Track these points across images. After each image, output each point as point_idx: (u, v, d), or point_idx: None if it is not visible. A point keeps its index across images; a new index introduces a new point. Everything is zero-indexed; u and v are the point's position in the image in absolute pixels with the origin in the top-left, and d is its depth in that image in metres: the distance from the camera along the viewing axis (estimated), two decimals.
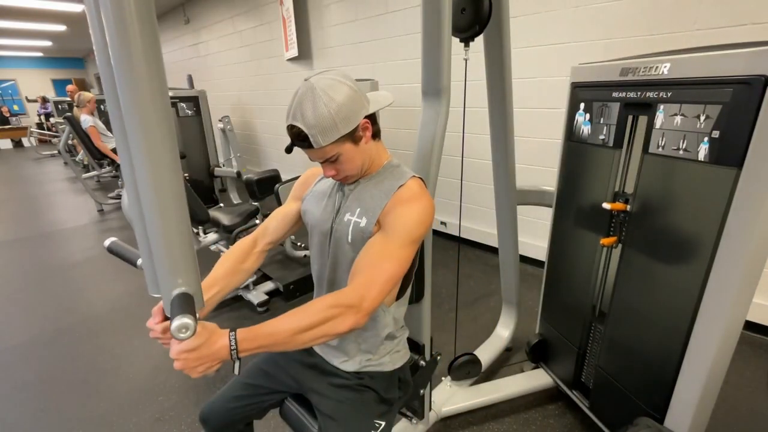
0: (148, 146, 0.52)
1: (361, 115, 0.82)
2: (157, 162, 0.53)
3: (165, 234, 0.57)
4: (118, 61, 0.48)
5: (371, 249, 0.83)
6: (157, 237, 0.57)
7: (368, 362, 0.98)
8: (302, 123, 0.77)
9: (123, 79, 0.48)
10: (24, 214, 4.77)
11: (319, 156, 0.83)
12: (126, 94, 0.49)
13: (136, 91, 0.49)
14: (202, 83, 6.41)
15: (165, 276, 0.60)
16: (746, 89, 0.85)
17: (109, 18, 0.46)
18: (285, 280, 2.55)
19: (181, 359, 0.66)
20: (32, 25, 7.56)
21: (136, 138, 0.51)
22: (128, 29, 0.46)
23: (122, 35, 0.46)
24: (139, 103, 0.50)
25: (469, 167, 2.96)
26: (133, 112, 0.50)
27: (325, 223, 0.94)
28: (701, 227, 0.98)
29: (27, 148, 10.54)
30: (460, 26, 1.21)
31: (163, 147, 0.53)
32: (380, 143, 0.93)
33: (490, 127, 1.53)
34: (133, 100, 0.49)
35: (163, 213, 0.56)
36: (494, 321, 2.01)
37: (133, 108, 0.50)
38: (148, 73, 0.48)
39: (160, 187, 0.54)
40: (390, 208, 0.85)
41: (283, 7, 4.28)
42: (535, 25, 2.46)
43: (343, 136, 0.80)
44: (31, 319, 2.49)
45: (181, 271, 0.60)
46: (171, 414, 1.70)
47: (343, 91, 0.79)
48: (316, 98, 0.76)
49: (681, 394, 1.08)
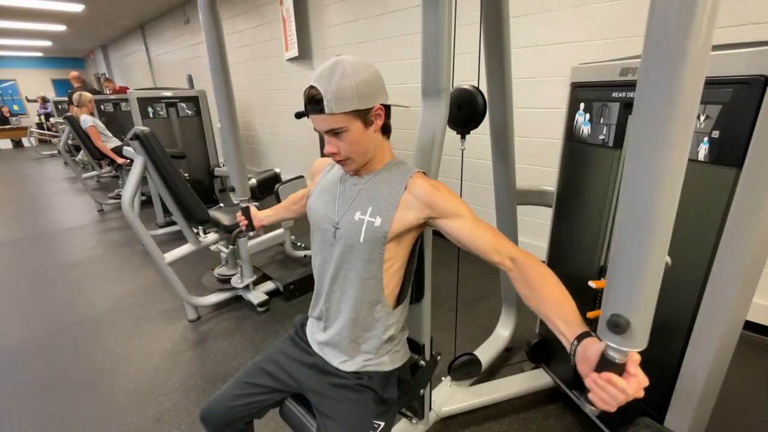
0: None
1: (379, 100, 0.85)
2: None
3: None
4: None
5: (472, 230, 0.84)
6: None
7: (368, 362, 0.98)
8: (322, 86, 0.79)
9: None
10: (24, 214, 4.77)
11: (328, 124, 0.83)
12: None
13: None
14: (202, 83, 6.41)
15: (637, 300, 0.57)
16: (746, 89, 0.85)
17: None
18: (285, 280, 2.55)
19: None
20: (32, 25, 7.55)
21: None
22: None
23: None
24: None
25: (469, 167, 2.96)
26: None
27: (327, 219, 0.94)
28: (701, 227, 0.98)
29: (27, 148, 10.54)
30: (458, 122, 1.31)
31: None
32: (387, 142, 0.95)
33: (490, 127, 1.53)
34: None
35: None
36: (494, 321, 2.01)
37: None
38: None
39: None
40: (426, 203, 0.87)
41: (283, 7, 4.28)
42: (535, 25, 2.46)
43: (355, 111, 0.81)
44: (31, 319, 2.49)
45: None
46: (171, 414, 1.70)
47: (369, 71, 0.82)
48: (343, 69, 0.79)
49: (681, 394, 1.08)
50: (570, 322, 0.69)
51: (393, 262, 0.93)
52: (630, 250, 0.56)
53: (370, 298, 0.93)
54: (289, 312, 2.45)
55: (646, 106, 0.49)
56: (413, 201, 0.88)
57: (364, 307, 0.94)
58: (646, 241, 0.54)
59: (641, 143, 0.51)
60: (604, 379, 0.57)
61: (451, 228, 0.86)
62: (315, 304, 1.04)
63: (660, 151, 0.49)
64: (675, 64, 0.45)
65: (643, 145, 0.50)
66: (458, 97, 1.27)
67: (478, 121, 1.29)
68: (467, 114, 1.28)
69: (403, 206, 0.88)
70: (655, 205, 0.51)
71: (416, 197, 0.88)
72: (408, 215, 0.88)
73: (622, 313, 0.56)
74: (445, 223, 0.86)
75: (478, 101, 1.26)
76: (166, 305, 2.58)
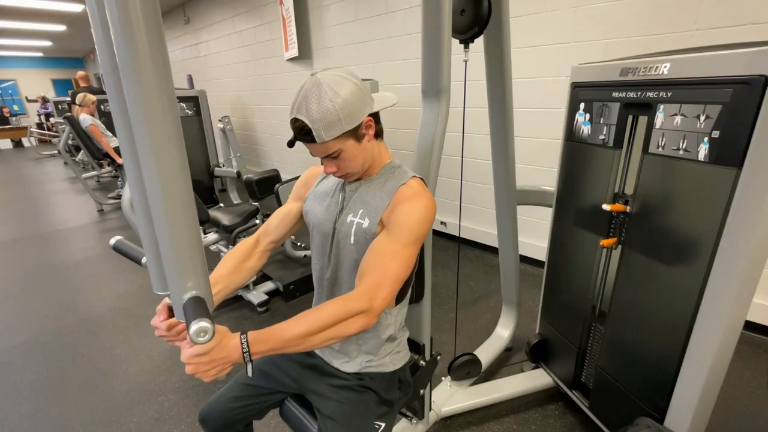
0: (155, 145, 0.51)
1: (365, 113, 0.83)
2: (165, 162, 0.52)
3: (174, 236, 0.56)
4: (124, 60, 0.47)
5: (376, 249, 0.83)
6: (166, 239, 0.56)
7: (369, 363, 0.98)
8: (306, 117, 0.77)
9: (128, 77, 0.48)
10: (24, 214, 4.77)
11: (321, 151, 0.83)
12: (132, 92, 0.49)
13: (142, 88, 0.48)
14: (202, 83, 6.41)
15: (175, 279, 0.59)
16: (746, 89, 0.85)
17: (114, 17, 0.45)
18: (285, 280, 2.55)
19: (193, 363, 0.66)
20: (32, 25, 7.56)
21: (143, 136, 0.51)
22: (133, 27, 0.46)
23: (128, 33, 0.46)
24: (145, 99, 0.49)
25: (469, 167, 2.96)
26: (139, 110, 0.49)
27: (327, 223, 0.94)
28: (701, 227, 0.98)
29: (27, 148, 10.54)
30: (460, 28, 1.22)
31: (170, 146, 0.52)
32: (382, 143, 0.94)
33: (490, 127, 1.53)
34: (138, 98, 0.49)
35: (172, 214, 0.55)
36: (494, 321, 2.01)
37: (138, 105, 0.49)
38: (155, 71, 0.48)
39: (169, 188, 0.54)
40: (392, 207, 0.86)
41: (283, 7, 4.28)
42: (535, 25, 2.46)
43: (346, 132, 0.80)
44: (31, 319, 2.49)
45: (191, 274, 0.60)
46: (171, 414, 1.70)
47: (349, 87, 0.79)
48: (322, 93, 0.77)
49: (681, 394, 1.08)
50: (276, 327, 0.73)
51: None
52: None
53: None
54: (289, 312, 2.45)
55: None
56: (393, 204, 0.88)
57: None
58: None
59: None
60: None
61: (378, 236, 0.85)
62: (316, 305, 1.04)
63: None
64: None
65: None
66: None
67: (481, 27, 1.19)
68: (470, 18, 1.19)
69: (388, 210, 0.87)
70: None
71: (395, 200, 0.87)
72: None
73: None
74: (382, 229, 0.86)
75: (482, 2, 1.16)
76: None
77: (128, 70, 0.47)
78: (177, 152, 0.53)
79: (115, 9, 0.45)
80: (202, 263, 0.61)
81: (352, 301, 0.76)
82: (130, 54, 0.47)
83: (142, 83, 0.48)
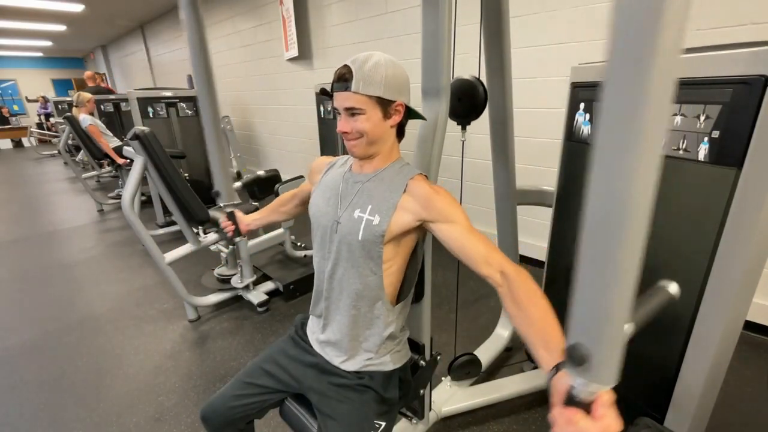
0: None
1: (402, 98, 0.88)
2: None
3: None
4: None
5: (466, 239, 0.83)
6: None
7: (369, 362, 0.98)
8: (355, 67, 0.83)
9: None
10: (24, 214, 4.77)
11: (350, 102, 0.85)
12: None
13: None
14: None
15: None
16: (746, 89, 0.85)
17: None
18: (285, 280, 2.54)
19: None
20: (32, 25, 7.55)
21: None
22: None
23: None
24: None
25: (469, 167, 2.96)
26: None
27: (328, 216, 0.95)
28: (701, 227, 0.98)
29: (27, 148, 10.53)
30: (458, 113, 1.30)
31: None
32: (397, 143, 0.97)
33: (490, 127, 1.53)
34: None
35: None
36: (494, 321, 2.01)
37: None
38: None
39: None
40: (423, 204, 0.87)
41: (283, 7, 4.28)
42: (535, 25, 2.46)
43: (379, 98, 0.84)
44: (31, 318, 2.49)
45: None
46: (171, 414, 1.70)
47: (401, 70, 0.88)
48: (378, 59, 0.84)
49: (681, 394, 1.08)
50: (552, 348, 0.62)
51: (392, 263, 0.93)
52: (594, 267, 0.46)
53: (370, 295, 0.94)
54: (289, 312, 2.45)
55: (614, 107, 0.42)
56: (411, 203, 0.88)
57: (364, 304, 0.94)
58: (613, 257, 0.44)
59: (609, 149, 0.43)
60: (567, 416, 0.50)
61: (444, 233, 0.85)
62: (316, 301, 1.04)
63: (631, 157, 0.41)
64: (641, 65, 0.38)
65: (611, 151, 0.43)
66: (458, 88, 1.25)
67: (478, 112, 1.26)
68: (467, 105, 1.26)
69: (401, 208, 0.88)
70: (626, 213, 0.43)
71: (414, 199, 0.88)
72: (405, 217, 0.88)
73: (584, 342, 0.47)
74: (439, 228, 0.86)
75: (478, 92, 1.24)
76: (166, 305, 2.58)
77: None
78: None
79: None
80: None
81: (518, 276, 0.76)
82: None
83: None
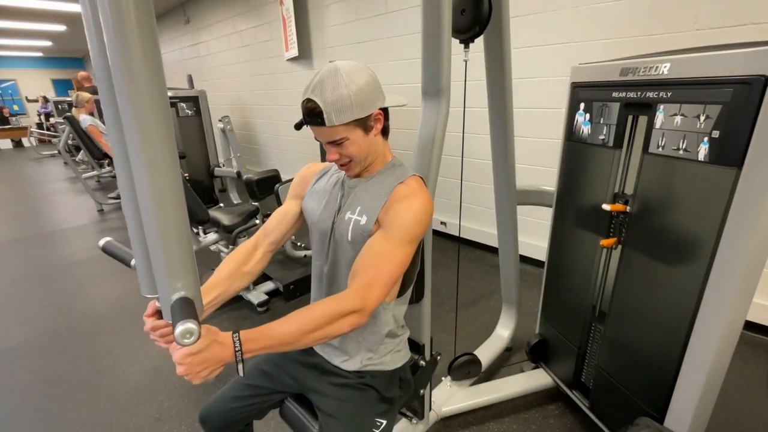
0: (146, 145, 0.50)
1: (377, 106, 0.84)
2: (156, 163, 0.52)
3: (163, 237, 0.56)
4: (116, 59, 0.46)
5: (371, 249, 0.83)
6: (155, 240, 0.56)
7: (369, 361, 0.98)
8: (320, 99, 0.78)
9: (120, 76, 0.47)
10: (24, 214, 4.77)
11: (328, 136, 0.82)
12: (123, 91, 0.48)
13: (134, 87, 0.48)
14: (202, 83, 6.41)
15: (163, 280, 0.58)
16: (746, 89, 0.85)
17: (107, 17, 0.45)
18: (285, 280, 2.55)
19: (185, 363, 0.65)
20: (32, 25, 7.56)
21: (134, 136, 0.50)
22: (126, 27, 0.45)
23: (120, 33, 0.45)
24: (137, 98, 0.48)
25: (469, 167, 2.96)
26: (130, 109, 0.48)
27: (325, 221, 0.94)
28: (701, 227, 0.98)
29: (27, 148, 10.53)
30: (460, 28, 1.21)
31: (162, 146, 0.52)
32: (386, 142, 0.94)
33: (490, 127, 1.53)
34: (130, 97, 0.48)
35: (162, 216, 0.54)
36: (494, 321, 2.01)
37: (129, 105, 0.48)
38: (146, 69, 0.47)
39: (159, 189, 0.53)
40: (388, 206, 0.86)
41: (283, 7, 4.28)
42: (535, 25, 2.46)
43: (355, 120, 0.81)
44: (31, 318, 2.49)
45: (181, 275, 0.59)
46: (171, 414, 1.70)
47: (365, 77, 0.80)
48: (338, 78, 0.78)
49: (681, 394, 1.08)
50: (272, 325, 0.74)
51: None
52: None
53: None
54: (289, 312, 2.44)
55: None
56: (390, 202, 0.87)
57: None
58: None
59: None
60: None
61: (373, 233, 0.85)
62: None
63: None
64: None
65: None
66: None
67: (482, 25, 1.18)
68: (470, 18, 1.17)
69: (385, 208, 0.87)
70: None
71: (391, 199, 0.87)
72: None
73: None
74: (377, 225, 0.86)
75: (482, 1, 1.15)
76: None
77: (119, 67, 0.47)
78: (166, 147, 0.52)
79: (108, 12, 0.44)
80: (191, 263, 0.60)
81: (344, 300, 0.77)
82: (122, 52, 0.46)
83: (134, 82, 0.47)
